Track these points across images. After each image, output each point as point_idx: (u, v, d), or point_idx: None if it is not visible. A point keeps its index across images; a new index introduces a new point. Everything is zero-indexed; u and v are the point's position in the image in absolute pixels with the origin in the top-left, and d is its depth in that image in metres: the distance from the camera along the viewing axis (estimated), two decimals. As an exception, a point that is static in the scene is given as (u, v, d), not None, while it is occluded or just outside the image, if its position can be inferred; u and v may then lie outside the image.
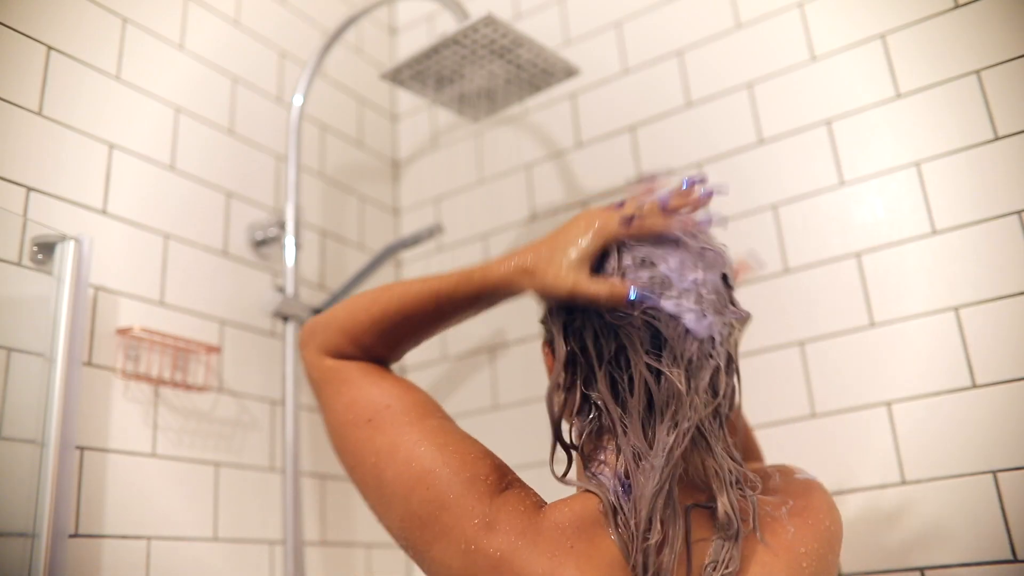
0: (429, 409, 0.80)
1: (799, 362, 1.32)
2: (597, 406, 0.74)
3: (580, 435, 0.76)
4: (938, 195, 1.25)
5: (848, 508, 1.21)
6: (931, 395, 1.20)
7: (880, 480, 1.22)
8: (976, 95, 1.24)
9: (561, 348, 0.77)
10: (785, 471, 0.83)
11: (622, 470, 0.71)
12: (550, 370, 0.80)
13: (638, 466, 0.70)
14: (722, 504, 0.71)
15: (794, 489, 0.80)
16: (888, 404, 1.24)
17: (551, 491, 0.79)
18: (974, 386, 1.18)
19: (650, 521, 0.68)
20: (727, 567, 0.68)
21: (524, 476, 0.79)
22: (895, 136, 1.31)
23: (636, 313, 0.71)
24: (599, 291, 0.72)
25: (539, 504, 0.73)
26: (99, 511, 1.16)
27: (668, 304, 0.72)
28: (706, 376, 0.72)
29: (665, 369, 0.71)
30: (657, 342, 0.72)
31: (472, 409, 1.66)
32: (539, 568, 0.67)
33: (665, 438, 0.70)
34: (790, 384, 1.32)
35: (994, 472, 1.14)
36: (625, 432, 0.72)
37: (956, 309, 1.21)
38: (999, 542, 1.12)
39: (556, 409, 0.77)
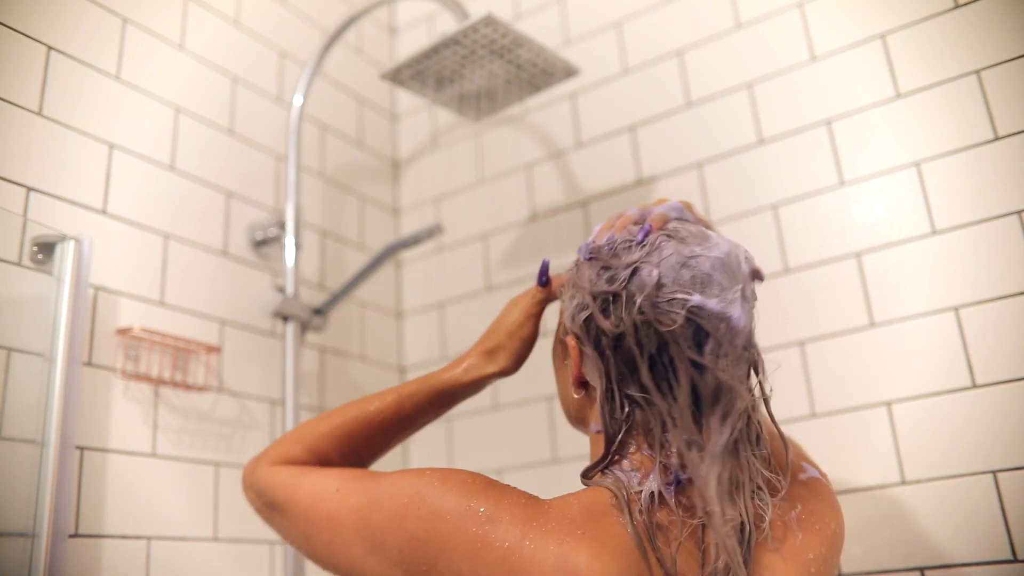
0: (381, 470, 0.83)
1: (799, 362, 1.32)
2: (636, 402, 0.74)
3: (616, 434, 0.75)
4: (938, 195, 1.25)
5: (848, 508, 1.20)
6: (931, 395, 1.20)
7: (880, 480, 1.22)
8: (976, 95, 1.24)
9: (591, 349, 0.77)
10: (792, 470, 0.83)
11: (674, 462, 0.71)
12: (575, 362, 0.79)
13: (696, 457, 0.70)
14: (740, 510, 0.71)
15: (801, 492, 0.80)
16: (888, 404, 1.24)
17: (554, 493, 0.79)
18: (974, 386, 1.18)
19: (723, 506, 0.68)
20: (737, 572, 0.68)
21: (524, 476, 0.79)
22: (895, 136, 1.31)
23: (681, 312, 0.72)
24: (546, 293, 0.90)
25: (537, 498, 0.73)
26: (99, 511, 1.16)
27: (711, 303, 0.72)
28: (747, 368, 0.75)
29: (709, 364, 0.72)
30: (699, 338, 0.72)
31: (472, 409, 1.66)
32: (550, 554, 0.66)
33: (719, 428, 0.71)
34: (790, 384, 1.31)
35: (994, 472, 1.14)
36: (675, 424, 0.71)
37: (956, 309, 1.21)
38: (999, 542, 1.12)
39: (608, 413, 0.76)
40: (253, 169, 1.56)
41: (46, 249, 1.14)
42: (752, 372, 0.76)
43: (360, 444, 0.88)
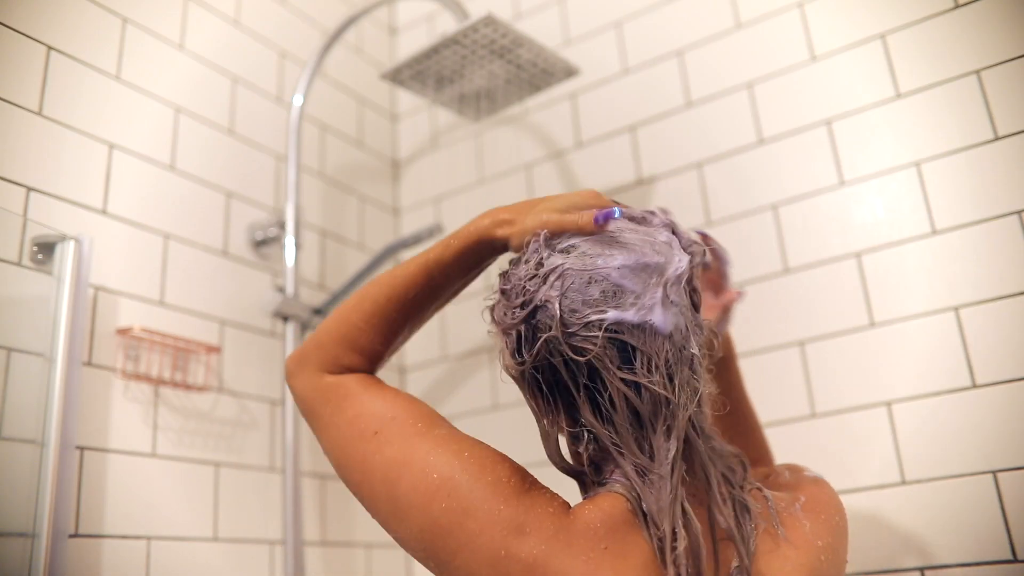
0: (436, 419, 0.78)
1: (799, 362, 1.32)
2: (588, 431, 0.73)
3: (583, 460, 0.74)
4: (938, 195, 1.25)
5: (848, 508, 1.20)
6: (931, 395, 1.20)
7: (880, 480, 1.22)
8: (976, 95, 1.24)
9: (527, 390, 0.76)
10: (794, 468, 0.84)
11: (631, 485, 0.70)
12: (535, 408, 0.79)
13: (645, 480, 0.69)
14: (713, 501, 0.71)
15: (804, 485, 0.80)
16: (888, 404, 1.24)
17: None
18: (974, 386, 1.18)
19: (675, 531, 0.67)
20: (743, 560, 0.68)
21: (525, 476, 0.79)
22: (895, 136, 1.31)
23: (599, 333, 0.69)
24: (573, 220, 0.74)
25: (565, 505, 0.71)
26: (99, 511, 1.16)
27: (628, 315, 0.70)
28: (686, 369, 0.72)
29: (643, 380, 0.70)
30: (626, 354, 0.70)
31: (472, 409, 1.66)
32: (576, 571, 0.65)
33: (665, 445, 0.69)
34: (790, 384, 1.32)
35: (994, 472, 1.14)
36: (621, 452, 0.70)
37: (956, 309, 1.21)
38: (999, 542, 1.12)
39: (555, 455, 0.76)
40: (253, 169, 1.56)
41: (46, 249, 1.14)
42: (693, 374, 0.73)
43: (399, 323, 0.84)
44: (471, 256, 0.82)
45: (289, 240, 1.49)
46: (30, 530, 1.03)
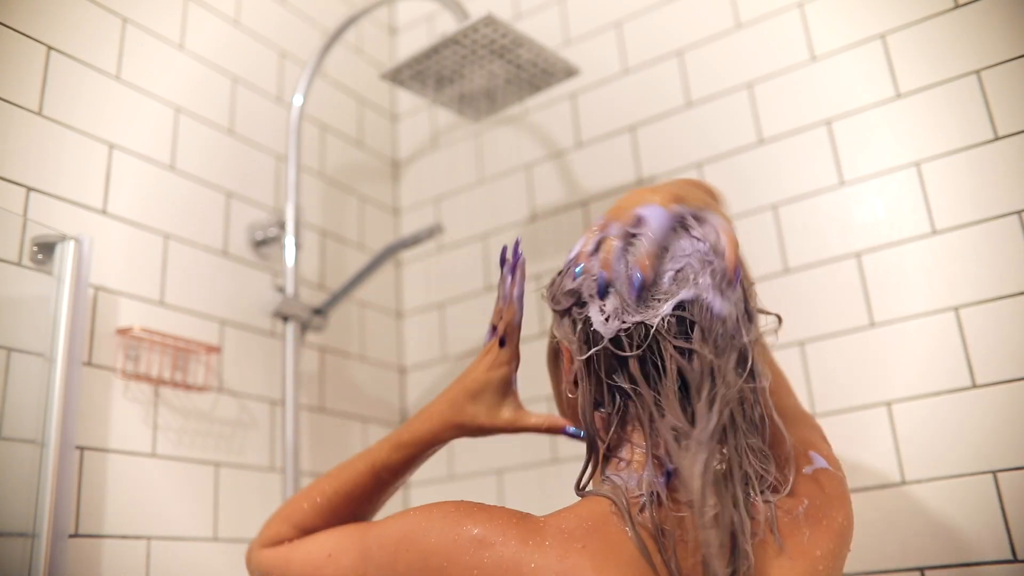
0: (371, 520, 0.84)
1: (799, 362, 1.32)
2: (625, 393, 0.74)
3: (606, 428, 0.75)
4: (938, 195, 1.25)
5: (848, 508, 1.21)
6: (931, 395, 1.20)
7: (880, 480, 1.22)
8: (976, 95, 1.24)
9: (580, 345, 0.77)
10: (796, 463, 0.83)
11: (662, 453, 0.71)
12: (568, 364, 0.79)
13: (680, 445, 0.69)
14: (729, 500, 0.70)
15: (808, 487, 0.79)
16: (888, 404, 1.24)
17: (555, 493, 0.79)
18: (974, 386, 1.18)
19: (704, 495, 0.67)
20: (738, 566, 0.68)
21: (524, 476, 0.79)
22: (895, 136, 1.31)
23: (666, 307, 0.73)
24: (538, 424, 0.81)
25: (531, 516, 0.72)
26: (99, 511, 1.16)
27: (686, 292, 0.73)
28: (732, 357, 0.73)
29: (696, 347, 0.71)
30: (684, 326, 0.72)
31: (472, 409, 1.65)
32: (550, 570, 0.65)
33: (707, 414, 0.70)
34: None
35: (994, 472, 1.14)
36: (663, 414, 0.71)
37: (956, 309, 1.21)
38: (999, 542, 1.12)
39: (587, 407, 0.77)
40: (253, 169, 1.56)
41: (46, 249, 1.14)
42: (742, 363, 0.74)
43: (345, 515, 0.89)
44: (419, 458, 0.88)
45: (289, 240, 1.49)
46: (30, 530, 1.03)
